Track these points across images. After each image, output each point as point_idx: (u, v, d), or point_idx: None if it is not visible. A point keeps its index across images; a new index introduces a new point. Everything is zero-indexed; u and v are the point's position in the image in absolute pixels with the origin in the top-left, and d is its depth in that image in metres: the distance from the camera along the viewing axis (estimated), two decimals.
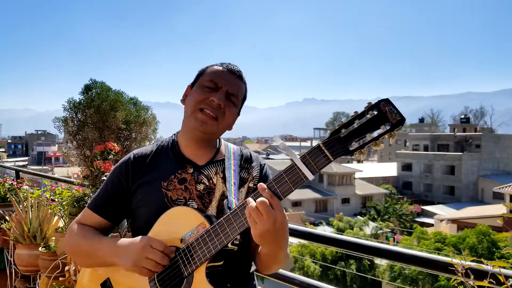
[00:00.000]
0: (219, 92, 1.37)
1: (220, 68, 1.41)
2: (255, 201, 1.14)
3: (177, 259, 1.26)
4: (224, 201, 1.35)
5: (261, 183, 1.16)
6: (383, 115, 1.06)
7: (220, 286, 1.25)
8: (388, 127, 1.06)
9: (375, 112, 1.07)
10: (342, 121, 1.12)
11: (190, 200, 1.35)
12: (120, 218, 1.45)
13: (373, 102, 1.08)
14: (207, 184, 1.38)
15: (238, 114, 1.48)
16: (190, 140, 1.43)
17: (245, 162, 1.48)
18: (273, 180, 1.17)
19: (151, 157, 1.43)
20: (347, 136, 1.09)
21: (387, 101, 1.07)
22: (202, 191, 1.37)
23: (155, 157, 1.43)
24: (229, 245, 1.23)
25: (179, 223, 1.28)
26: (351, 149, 1.09)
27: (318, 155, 1.12)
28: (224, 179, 1.40)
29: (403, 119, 1.06)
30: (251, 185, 1.43)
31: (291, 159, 1.16)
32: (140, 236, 1.28)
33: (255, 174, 1.46)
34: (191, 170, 1.39)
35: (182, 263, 1.25)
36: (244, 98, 1.47)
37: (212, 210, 1.36)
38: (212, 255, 1.22)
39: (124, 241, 1.31)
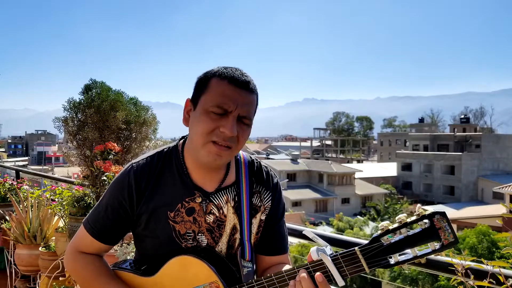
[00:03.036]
0: (229, 119, 1.17)
1: (226, 84, 1.18)
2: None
3: None
4: (237, 235, 1.29)
5: (318, 275, 1.07)
6: (435, 231, 0.96)
7: None
8: (437, 247, 0.97)
9: (427, 225, 0.98)
10: (385, 225, 1.02)
11: (200, 234, 1.26)
12: (120, 239, 1.37)
13: (426, 213, 0.98)
14: (217, 215, 1.27)
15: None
16: (199, 165, 1.27)
17: (258, 184, 1.35)
18: (298, 270, 1.11)
19: (155, 177, 1.28)
20: (390, 247, 1.00)
21: (443, 216, 0.97)
22: (212, 223, 1.27)
23: (159, 177, 1.28)
24: None
25: (191, 273, 1.22)
26: (392, 262, 1.00)
27: (352, 262, 1.04)
28: (235, 208, 1.30)
29: (456, 241, 0.96)
30: (262, 217, 1.34)
31: (324, 263, 1.07)
32: None
33: (267, 204, 1.35)
34: (199, 200, 1.26)
35: None
36: (256, 109, 1.28)
37: (222, 245, 1.29)
38: None
39: None
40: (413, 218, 0.98)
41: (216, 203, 1.28)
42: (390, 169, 48.02)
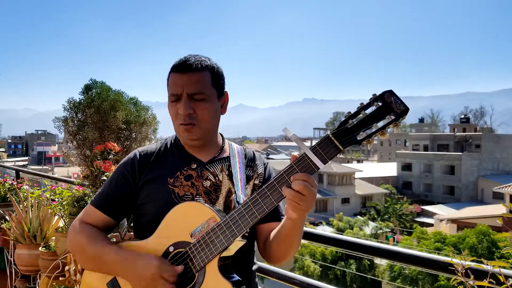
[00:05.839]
0: (181, 101, 1.35)
1: (172, 74, 1.38)
2: (289, 186, 1.16)
3: (188, 254, 1.27)
4: (232, 196, 1.38)
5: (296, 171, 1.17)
6: (388, 105, 1.11)
7: (230, 278, 1.26)
8: (393, 117, 1.11)
9: (380, 103, 1.12)
10: (349, 112, 1.17)
11: (197, 196, 1.37)
12: (123, 215, 1.46)
13: (377, 94, 1.13)
14: (213, 180, 1.41)
15: (223, 94, 1.43)
16: (191, 144, 1.45)
17: (249, 160, 1.51)
18: (284, 171, 1.19)
19: (156, 154, 1.45)
20: (355, 127, 1.14)
21: (390, 93, 1.12)
22: (209, 187, 1.39)
23: (160, 154, 1.45)
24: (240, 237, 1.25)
25: (188, 218, 1.29)
26: (359, 138, 1.14)
27: (328, 145, 1.15)
28: (229, 176, 1.43)
29: (407, 109, 1.11)
30: (256, 182, 1.47)
31: (302, 151, 1.19)
32: (150, 257, 1.26)
33: (260, 171, 1.50)
34: (194, 166, 1.41)
35: (194, 257, 1.26)
36: (215, 81, 1.39)
37: (219, 206, 1.38)
38: (225, 248, 1.23)
39: (130, 255, 1.29)
40: (368, 101, 1.14)
41: (211, 171, 1.42)
42: (390, 169, 47.98)
